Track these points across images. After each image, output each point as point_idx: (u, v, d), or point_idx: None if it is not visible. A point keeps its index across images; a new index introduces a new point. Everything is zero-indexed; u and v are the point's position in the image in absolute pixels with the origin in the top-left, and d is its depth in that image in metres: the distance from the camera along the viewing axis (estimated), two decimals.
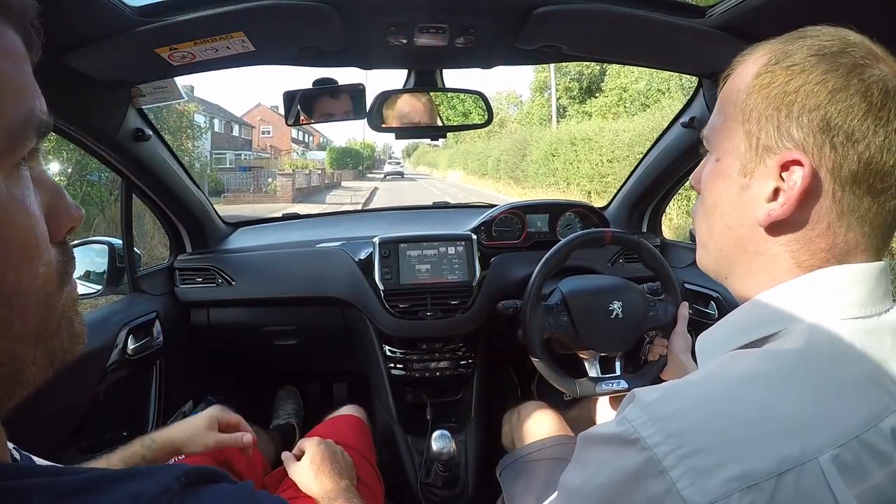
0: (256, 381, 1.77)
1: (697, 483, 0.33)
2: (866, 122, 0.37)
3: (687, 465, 0.33)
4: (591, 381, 1.04)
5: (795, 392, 0.36)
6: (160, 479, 0.28)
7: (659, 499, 0.34)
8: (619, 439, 0.37)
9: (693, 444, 0.34)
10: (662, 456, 0.34)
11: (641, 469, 0.35)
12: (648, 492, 0.34)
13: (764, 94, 0.41)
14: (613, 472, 0.37)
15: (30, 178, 0.30)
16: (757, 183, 0.41)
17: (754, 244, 0.43)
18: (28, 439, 0.42)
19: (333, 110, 1.09)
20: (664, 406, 0.37)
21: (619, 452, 0.37)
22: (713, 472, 0.33)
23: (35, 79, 0.31)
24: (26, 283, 0.28)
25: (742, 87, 0.43)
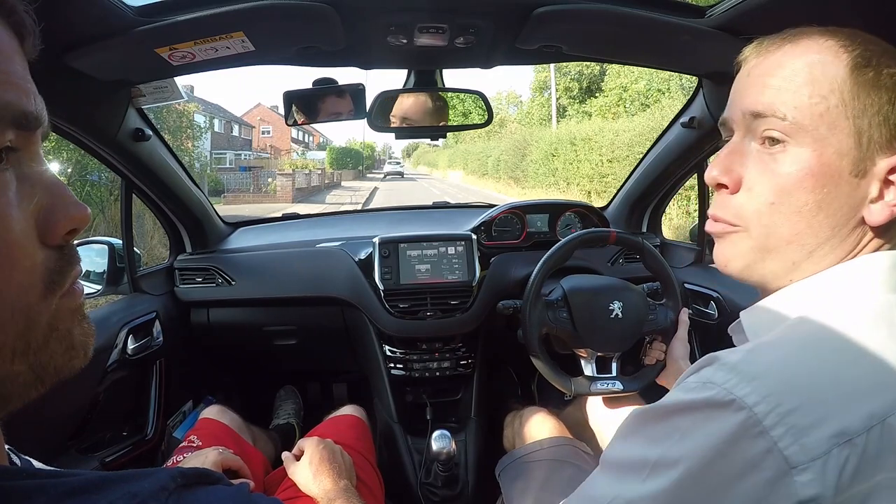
0: (256, 381, 1.77)
1: (799, 441, 0.33)
2: None
3: (788, 424, 0.33)
4: (587, 380, 1.04)
5: (876, 350, 0.37)
6: (157, 479, 0.28)
7: (758, 461, 0.34)
8: (710, 403, 0.36)
9: (790, 402, 0.34)
10: (763, 415, 0.34)
11: (739, 431, 0.34)
12: (746, 455, 0.34)
13: (874, 94, 0.41)
14: (706, 438, 0.35)
15: (11, 179, 0.28)
16: (865, 183, 0.42)
17: (852, 242, 0.43)
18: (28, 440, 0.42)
19: (333, 110, 1.09)
20: (754, 366, 0.36)
21: (710, 417, 0.36)
22: (812, 430, 0.33)
23: (35, 78, 0.30)
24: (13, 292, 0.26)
25: (840, 81, 0.42)
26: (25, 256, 0.28)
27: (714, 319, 1.29)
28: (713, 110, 1.14)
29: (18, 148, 0.29)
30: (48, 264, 0.29)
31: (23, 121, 0.28)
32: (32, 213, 0.29)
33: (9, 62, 0.28)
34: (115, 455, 1.16)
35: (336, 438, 0.96)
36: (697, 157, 1.33)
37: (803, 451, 0.33)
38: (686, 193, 6.52)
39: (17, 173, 0.28)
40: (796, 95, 0.42)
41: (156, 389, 1.32)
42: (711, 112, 1.15)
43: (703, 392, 0.37)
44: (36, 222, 0.29)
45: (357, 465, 0.94)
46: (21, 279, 0.27)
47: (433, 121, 1.16)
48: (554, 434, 1.04)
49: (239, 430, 1.08)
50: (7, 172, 0.28)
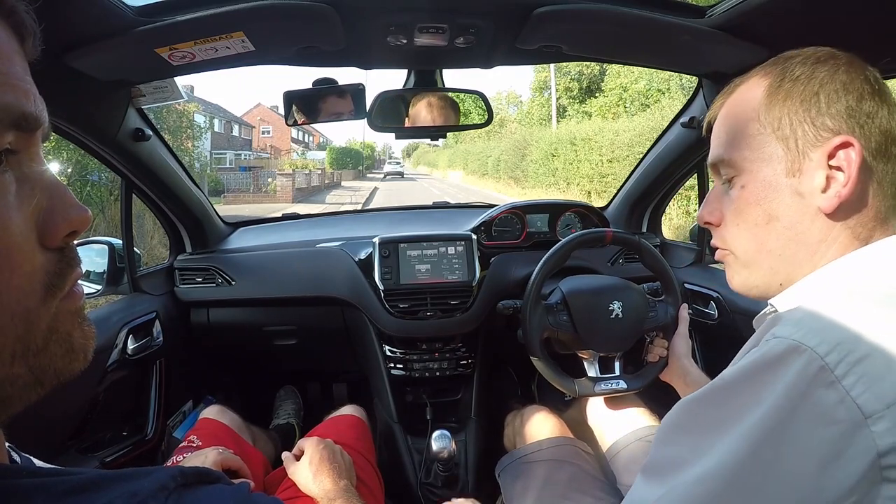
0: (256, 381, 1.77)
1: (872, 389, 0.33)
2: (874, 101, 0.45)
3: (859, 372, 0.34)
4: (591, 381, 1.05)
5: None
6: (157, 478, 0.28)
7: (830, 413, 0.34)
8: (779, 358, 0.36)
9: (860, 350, 0.34)
10: (834, 364, 0.34)
11: (811, 382, 0.34)
12: (818, 408, 0.34)
13: (788, 104, 0.46)
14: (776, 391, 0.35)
15: (11, 180, 0.28)
16: (807, 178, 0.45)
17: (817, 234, 0.46)
18: (28, 439, 0.42)
19: (333, 110, 1.09)
20: (818, 320, 0.37)
21: (785, 367, 0.36)
22: (885, 376, 0.34)
23: (34, 78, 0.30)
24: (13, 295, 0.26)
25: (756, 107, 0.48)
26: (25, 260, 0.27)
27: (714, 319, 1.29)
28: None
29: (18, 150, 0.28)
30: (48, 267, 0.29)
31: (23, 122, 0.28)
32: (32, 215, 0.28)
33: (8, 63, 0.28)
34: (115, 455, 1.16)
35: (336, 438, 0.96)
36: (697, 157, 1.33)
37: (877, 398, 0.33)
38: (686, 193, 6.52)
39: (16, 175, 0.28)
40: (730, 138, 0.50)
41: (156, 389, 1.32)
42: None
43: (770, 346, 0.37)
44: (36, 225, 0.28)
45: (357, 465, 0.94)
46: (21, 282, 0.27)
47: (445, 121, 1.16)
48: (554, 434, 1.04)
49: (239, 430, 1.08)
50: (7, 174, 0.28)
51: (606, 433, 1.04)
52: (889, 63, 0.80)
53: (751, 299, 0.55)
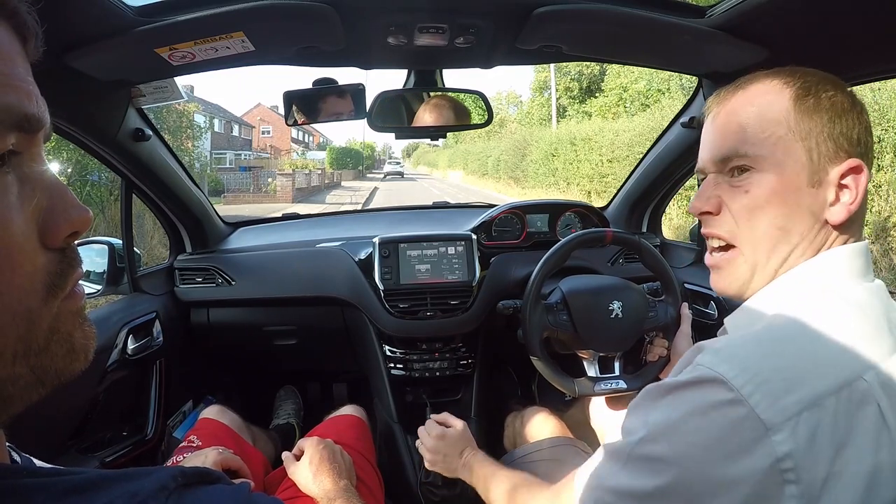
0: (256, 381, 1.77)
1: (773, 406, 0.40)
2: (869, 134, 0.51)
3: (763, 391, 0.40)
4: (590, 381, 1.04)
5: (840, 328, 0.44)
6: (157, 478, 0.28)
7: (739, 423, 0.40)
8: (699, 380, 0.43)
9: (765, 374, 0.41)
10: (740, 386, 0.41)
11: (724, 399, 0.41)
12: (730, 418, 0.41)
13: (816, 118, 0.50)
14: (697, 406, 0.43)
15: (13, 181, 0.28)
16: (822, 191, 0.50)
17: (819, 241, 0.51)
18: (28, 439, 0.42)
19: (333, 110, 1.09)
20: (733, 348, 0.45)
21: (699, 391, 0.43)
22: (784, 395, 0.40)
23: (35, 79, 0.30)
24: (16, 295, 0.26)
25: (784, 111, 0.51)
26: (27, 260, 0.27)
27: (714, 319, 1.29)
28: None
29: (20, 150, 0.28)
30: (49, 267, 0.29)
31: (25, 124, 0.28)
32: (33, 215, 0.28)
33: (11, 64, 0.28)
34: (115, 455, 1.16)
35: (336, 438, 0.96)
36: (697, 157, 1.33)
37: (776, 413, 0.40)
38: (686, 193, 6.51)
39: (18, 176, 0.28)
40: (752, 134, 0.51)
41: (156, 389, 1.32)
42: None
43: (695, 372, 0.44)
44: (37, 225, 0.28)
45: (357, 464, 0.94)
46: (22, 283, 0.27)
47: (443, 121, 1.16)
48: (555, 434, 1.04)
49: (239, 430, 1.08)
50: (9, 175, 0.28)
51: (608, 433, 1.04)
52: (889, 63, 0.80)
53: None
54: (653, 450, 0.46)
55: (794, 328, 0.46)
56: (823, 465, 0.40)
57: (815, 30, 0.77)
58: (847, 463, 0.40)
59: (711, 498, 0.42)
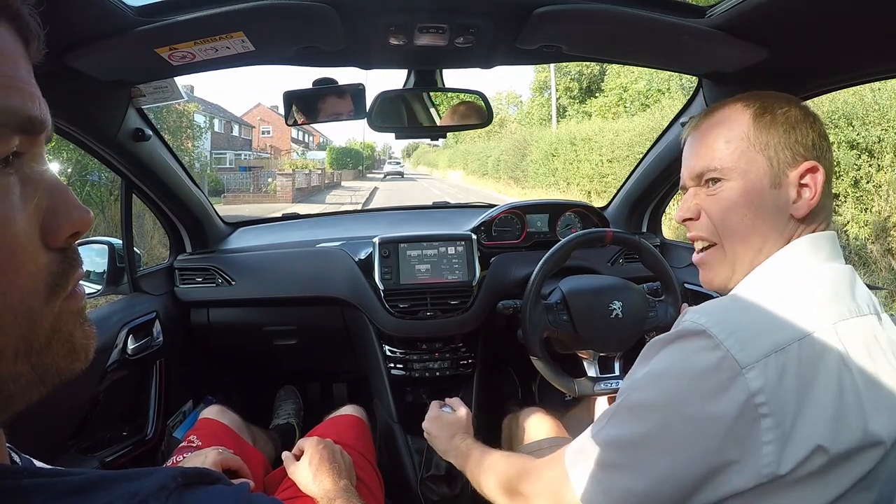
0: (256, 381, 1.77)
1: (744, 349, 0.48)
2: (823, 139, 0.60)
3: (735, 338, 0.49)
4: (590, 381, 1.05)
5: (800, 293, 0.54)
6: (158, 478, 0.28)
7: (717, 364, 0.48)
8: (686, 332, 0.52)
9: (736, 324, 0.50)
10: (717, 332, 0.49)
11: (705, 345, 0.49)
12: (709, 360, 0.49)
13: (772, 131, 0.59)
14: (681, 353, 0.51)
15: (15, 182, 0.28)
16: (784, 191, 0.59)
17: (788, 233, 0.59)
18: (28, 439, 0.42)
19: (333, 110, 1.09)
20: (711, 308, 0.53)
21: (683, 341, 0.52)
22: (754, 340, 0.48)
23: (35, 79, 0.30)
24: (18, 294, 0.26)
25: (746, 128, 0.60)
26: (29, 260, 0.28)
27: None
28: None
29: (22, 151, 0.28)
30: (51, 267, 0.29)
31: (28, 126, 0.28)
32: (35, 215, 0.28)
33: (14, 66, 0.28)
34: (115, 455, 1.16)
35: (336, 438, 0.96)
36: None
37: (747, 355, 0.48)
38: None
39: (20, 176, 0.28)
40: (719, 150, 0.61)
41: (156, 389, 1.32)
42: None
43: (682, 327, 0.53)
44: (39, 225, 0.29)
45: (357, 464, 0.94)
46: (24, 282, 0.27)
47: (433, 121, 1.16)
48: (552, 434, 1.03)
49: (239, 430, 1.08)
50: (11, 176, 0.28)
51: None
52: (889, 63, 0.80)
53: None
54: (638, 398, 0.53)
55: (761, 292, 0.55)
56: (792, 400, 0.47)
57: (815, 30, 0.77)
58: (814, 400, 0.47)
59: (693, 437, 0.49)
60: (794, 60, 0.86)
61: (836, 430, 0.47)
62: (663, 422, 0.50)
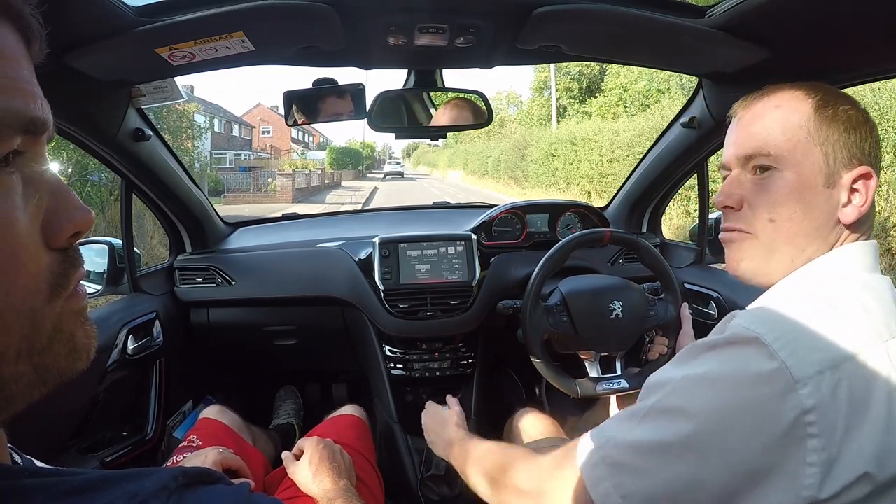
0: (256, 381, 1.77)
1: (800, 362, 0.44)
2: (878, 148, 0.57)
3: (791, 349, 0.45)
4: (592, 381, 1.05)
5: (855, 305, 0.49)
6: (158, 478, 0.28)
7: (770, 375, 0.45)
8: (737, 339, 0.48)
9: (792, 334, 0.46)
10: (772, 341, 0.45)
11: (758, 353, 0.46)
12: (762, 369, 0.45)
13: (833, 127, 0.55)
14: (733, 361, 0.47)
15: (17, 182, 0.28)
16: (836, 192, 0.55)
17: (833, 238, 0.56)
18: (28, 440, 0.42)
19: (333, 110, 1.09)
20: (766, 313, 0.50)
21: (738, 348, 0.47)
22: (810, 354, 0.45)
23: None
24: (2, 298, 0.26)
25: (806, 117, 0.56)
26: (31, 260, 0.28)
27: (714, 319, 1.29)
28: (713, 110, 1.14)
29: (24, 151, 0.29)
30: (53, 267, 0.29)
31: (30, 126, 0.28)
32: (37, 216, 0.29)
33: (17, 67, 0.28)
34: (115, 455, 1.16)
35: (336, 438, 0.96)
36: (697, 157, 1.33)
37: (803, 369, 0.44)
38: (686, 193, 6.52)
39: (22, 176, 0.28)
40: (775, 136, 0.56)
41: (156, 389, 1.32)
42: (711, 112, 1.15)
43: (731, 332, 0.49)
44: (41, 225, 0.29)
45: (357, 464, 0.94)
46: (27, 283, 0.27)
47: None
48: (550, 435, 1.03)
49: (239, 430, 1.08)
50: (13, 176, 0.28)
51: None
52: (889, 63, 0.80)
53: (750, 300, 0.57)
54: (676, 401, 0.49)
55: (816, 301, 0.50)
56: (842, 422, 0.43)
57: (815, 30, 0.77)
58: (864, 423, 0.44)
59: (733, 448, 0.45)
60: (794, 60, 0.86)
61: (884, 457, 0.44)
62: (704, 429, 0.46)
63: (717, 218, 1.44)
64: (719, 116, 1.14)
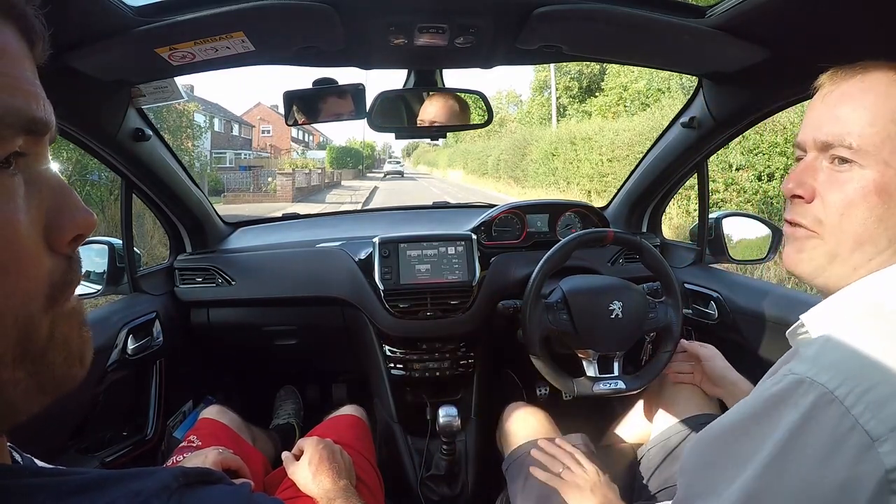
0: (256, 381, 1.77)
1: (878, 415, 0.38)
2: None
3: (866, 402, 0.38)
4: (589, 381, 1.05)
5: None
6: (160, 478, 0.28)
7: (843, 438, 0.38)
8: (798, 391, 0.41)
9: (866, 382, 0.39)
10: (843, 396, 0.39)
11: (824, 412, 0.39)
12: (832, 433, 0.39)
13: None
14: (794, 421, 0.40)
15: (20, 183, 0.28)
16: None
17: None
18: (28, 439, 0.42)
19: (333, 110, 1.09)
20: (830, 355, 0.42)
21: (799, 402, 0.40)
22: (888, 403, 0.38)
23: None
24: (1, 301, 0.26)
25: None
26: (32, 264, 0.27)
27: (714, 319, 1.29)
28: (713, 110, 1.14)
29: (26, 152, 0.28)
30: (54, 274, 0.29)
31: (32, 126, 0.28)
32: (39, 217, 0.28)
33: (19, 68, 0.28)
34: (114, 455, 1.16)
35: (336, 438, 0.96)
36: (697, 157, 1.33)
37: (881, 423, 0.38)
38: (686, 193, 6.52)
39: (24, 177, 0.28)
40: (861, 125, 0.48)
41: (156, 389, 1.32)
42: (711, 112, 1.15)
43: (787, 381, 0.42)
44: (43, 227, 0.28)
45: (357, 464, 0.94)
46: (27, 286, 0.27)
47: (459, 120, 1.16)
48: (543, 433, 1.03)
49: (238, 429, 1.08)
50: (16, 177, 0.28)
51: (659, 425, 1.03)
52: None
53: (750, 300, 0.56)
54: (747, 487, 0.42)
55: (884, 327, 0.43)
56: None
57: (815, 30, 0.77)
58: None
59: None
60: (795, 61, 0.86)
61: None
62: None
63: (717, 218, 1.44)
64: (719, 116, 1.14)
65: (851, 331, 0.44)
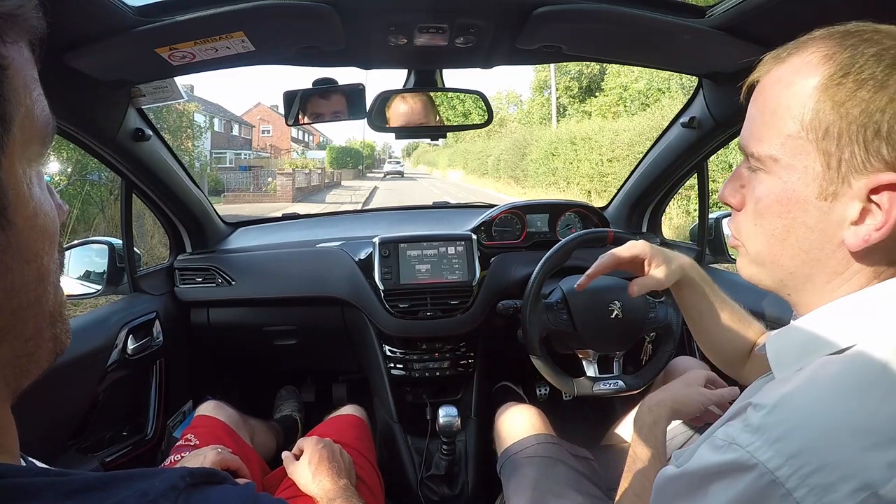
0: (257, 381, 1.77)
1: (822, 500, 0.33)
2: None
3: (810, 485, 0.34)
4: (589, 381, 1.05)
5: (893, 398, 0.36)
6: (167, 478, 0.28)
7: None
8: (737, 467, 0.36)
9: (812, 462, 0.34)
10: (785, 479, 0.34)
11: (765, 494, 0.35)
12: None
13: (842, 111, 0.38)
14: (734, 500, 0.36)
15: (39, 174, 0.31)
16: (840, 206, 0.39)
17: (835, 265, 0.41)
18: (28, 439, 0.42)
19: (333, 110, 1.09)
20: (776, 427, 0.36)
21: (737, 479, 0.36)
22: (836, 487, 0.33)
23: None
24: (52, 267, 0.30)
25: (803, 101, 0.40)
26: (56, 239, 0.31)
27: None
28: (713, 110, 1.14)
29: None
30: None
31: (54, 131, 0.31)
32: None
33: (35, 77, 0.30)
34: (114, 455, 1.16)
35: (336, 438, 0.96)
36: (697, 157, 1.33)
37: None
38: (686, 193, 6.52)
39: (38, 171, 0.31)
40: (763, 127, 0.43)
41: (156, 389, 1.32)
42: (711, 112, 1.15)
43: (728, 454, 0.37)
44: None
45: (357, 464, 0.94)
46: (58, 258, 0.31)
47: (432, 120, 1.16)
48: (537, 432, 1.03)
49: (236, 426, 1.07)
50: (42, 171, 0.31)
51: None
52: None
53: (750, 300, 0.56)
54: None
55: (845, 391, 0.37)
56: None
57: (815, 30, 0.77)
58: None
59: None
60: None
61: None
62: None
63: (716, 218, 1.44)
64: (719, 116, 1.14)
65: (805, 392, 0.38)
